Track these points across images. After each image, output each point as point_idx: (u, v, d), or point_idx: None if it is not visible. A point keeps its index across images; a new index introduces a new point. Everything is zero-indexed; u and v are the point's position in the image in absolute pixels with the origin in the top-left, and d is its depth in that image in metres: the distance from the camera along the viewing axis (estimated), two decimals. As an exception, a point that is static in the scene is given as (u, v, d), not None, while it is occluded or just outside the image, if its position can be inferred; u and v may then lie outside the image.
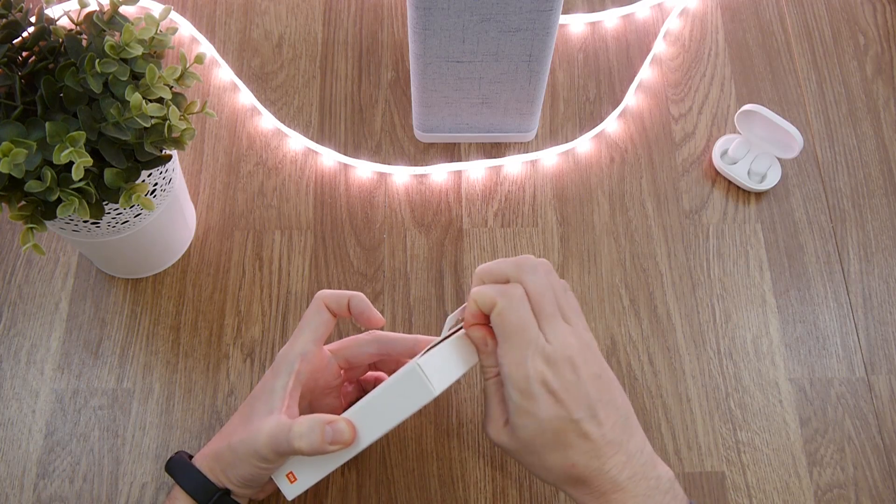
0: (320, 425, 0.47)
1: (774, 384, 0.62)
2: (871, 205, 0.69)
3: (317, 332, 0.51)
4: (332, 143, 0.70)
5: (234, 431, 0.50)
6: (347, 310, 0.52)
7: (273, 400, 0.49)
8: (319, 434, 0.47)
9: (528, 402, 0.45)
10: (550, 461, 0.46)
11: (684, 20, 0.77)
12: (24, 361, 0.61)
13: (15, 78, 0.47)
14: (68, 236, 0.56)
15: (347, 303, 0.52)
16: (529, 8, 0.56)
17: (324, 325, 0.51)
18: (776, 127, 0.67)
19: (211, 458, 0.50)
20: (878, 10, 0.78)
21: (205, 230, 0.66)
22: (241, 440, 0.48)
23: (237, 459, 0.49)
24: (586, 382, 0.46)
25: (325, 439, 0.47)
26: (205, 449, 0.52)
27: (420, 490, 0.58)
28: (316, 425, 0.47)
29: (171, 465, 0.52)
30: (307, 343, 0.51)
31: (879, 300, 0.65)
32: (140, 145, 0.49)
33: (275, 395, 0.49)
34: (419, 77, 0.63)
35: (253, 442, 0.47)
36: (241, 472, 0.49)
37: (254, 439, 0.47)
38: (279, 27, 0.75)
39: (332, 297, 0.52)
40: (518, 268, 0.48)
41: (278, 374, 0.50)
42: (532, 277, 0.47)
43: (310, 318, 0.51)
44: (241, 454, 0.48)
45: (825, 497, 0.59)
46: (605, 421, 0.46)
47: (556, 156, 0.70)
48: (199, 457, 0.51)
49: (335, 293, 0.52)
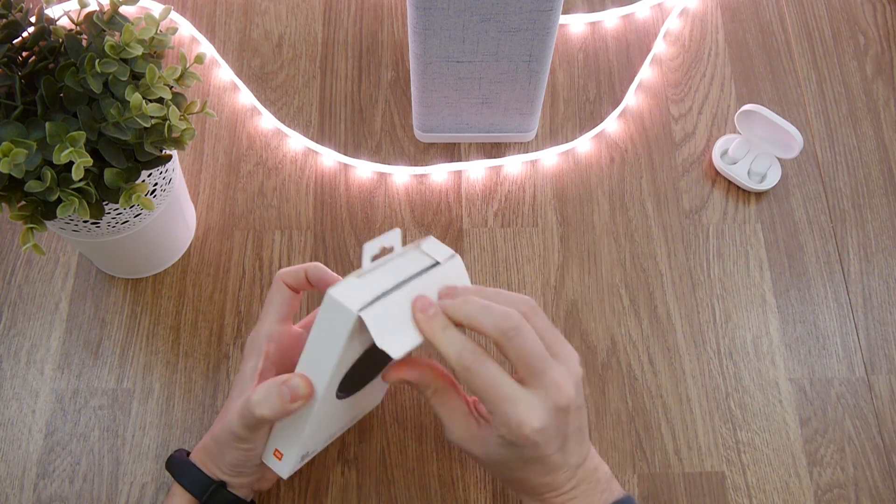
0: (276, 387, 0.46)
1: (774, 384, 0.62)
2: (871, 205, 0.69)
3: (280, 310, 0.52)
4: (332, 143, 0.70)
5: (216, 423, 0.51)
6: (307, 282, 0.52)
7: (246, 383, 0.50)
8: (277, 395, 0.46)
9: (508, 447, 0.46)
10: (509, 476, 0.49)
11: (684, 20, 0.77)
12: (24, 361, 0.61)
13: (15, 78, 0.47)
14: (68, 236, 0.56)
15: (305, 275, 0.52)
16: (529, 8, 0.56)
17: (286, 303, 0.52)
18: (776, 127, 0.67)
19: (202, 452, 0.51)
20: (878, 10, 0.78)
21: (205, 230, 0.66)
22: (221, 429, 0.49)
23: (220, 447, 0.49)
24: (568, 424, 0.47)
25: (284, 398, 0.46)
26: (197, 445, 0.52)
27: (420, 490, 0.58)
28: (272, 387, 0.46)
29: (170, 463, 0.52)
30: (272, 323, 0.52)
31: (879, 300, 0.65)
32: (140, 145, 0.49)
33: (247, 378, 0.50)
34: (419, 77, 0.63)
35: (228, 425, 0.48)
36: (228, 459, 0.49)
37: (228, 422, 0.48)
38: (279, 27, 0.75)
39: (289, 274, 0.52)
40: (500, 332, 0.45)
41: (248, 358, 0.51)
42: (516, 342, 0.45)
43: (271, 299, 0.52)
44: (222, 441, 0.49)
45: (825, 497, 0.59)
46: (571, 451, 0.47)
47: (556, 156, 0.70)
48: (194, 453, 0.52)
49: (292, 269, 0.52)
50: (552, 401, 0.45)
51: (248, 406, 0.46)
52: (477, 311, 0.45)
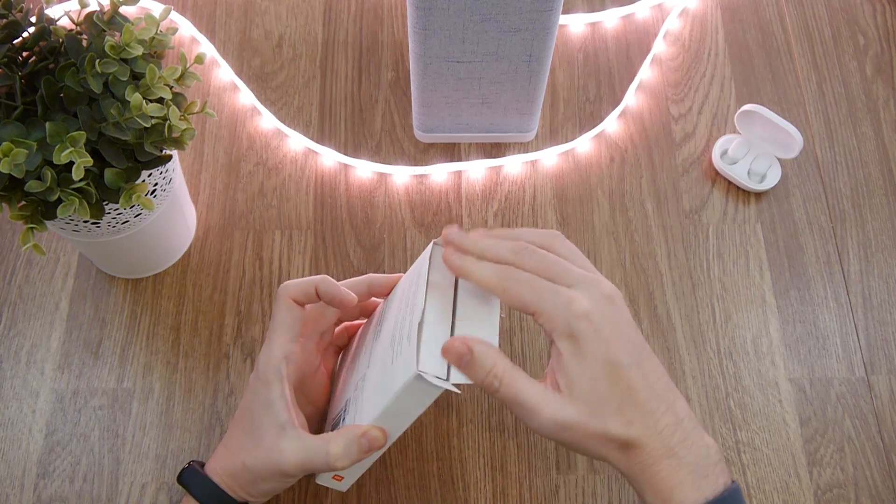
0: (356, 441, 0.47)
1: (774, 384, 0.62)
2: (871, 205, 0.69)
3: (292, 330, 0.50)
4: (332, 143, 0.70)
5: (242, 447, 0.49)
6: (317, 297, 0.51)
7: (276, 413, 0.48)
8: (356, 449, 0.47)
9: (576, 345, 0.44)
10: (611, 423, 0.44)
11: (684, 20, 0.77)
12: (25, 361, 0.61)
13: (15, 78, 0.47)
14: (68, 236, 0.56)
15: (315, 290, 0.51)
16: (529, 8, 0.56)
17: (297, 320, 0.51)
18: (776, 127, 0.67)
19: (226, 475, 0.49)
20: (878, 10, 0.78)
21: (205, 230, 0.66)
22: (258, 460, 0.48)
23: (258, 479, 0.48)
24: (626, 324, 0.45)
25: (363, 450, 0.47)
26: (213, 464, 0.50)
27: (420, 490, 0.58)
28: (352, 443, 0.47)
29: (185, 477, 0.50)
30: (286, 344, 0.50)
31: (879, 300, 0.65)
32: (140, 145, 0.49)
33: (275, 406, 0.48)
34: (419, 77, 0.63)
35: (276, 463, 0.47)
36: (265, 489, 0.49)
37: (276, 460, 0.47)
38: (279, 27, 0.75)
39: (297, 290, 0.51)
40: (517, 255, 0.46)
41: (269, 383, 0.49)
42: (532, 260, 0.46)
43: (281, 318, 0.50)
44: (262, 474, 0.48)
45: (825, 497, 0.59)
46: (650, 373, 0.45)
47: (556, 156, 0.70)
48: (211, 472, 0.50)
49: (300, 284, 0.51)
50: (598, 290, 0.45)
51: (326, 458, 0.47)
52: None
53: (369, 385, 0.49)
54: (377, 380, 0.48)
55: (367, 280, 0.54)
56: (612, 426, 0.44)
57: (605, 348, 0.44)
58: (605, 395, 0.44)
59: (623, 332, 0.45)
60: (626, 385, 0.44)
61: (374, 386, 0.48)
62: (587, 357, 0.44)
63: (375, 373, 0.49)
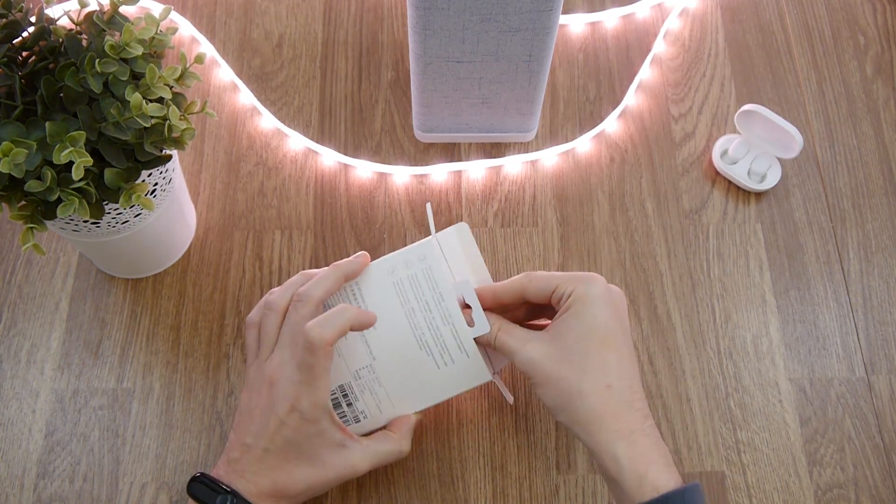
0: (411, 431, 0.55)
1: (774, 384, 0.62)
2: (871, 205, 0.69)
3: (328, 377, 0.51)
4: (332, 143, 0.70)
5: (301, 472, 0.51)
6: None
7: (332, 437, 0.51)
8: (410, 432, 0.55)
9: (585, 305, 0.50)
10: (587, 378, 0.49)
11: (684, 20, 0.77)
12: (25, 361, 0.61)
13: (15, 78, 0.47)
14: (68, 236, 0.56)
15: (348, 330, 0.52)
16: (529, 8, 0.56)
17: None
18: (776, 127, 0.67)
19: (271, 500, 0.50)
20: (878, 10, 0.78)
21: (205, 230, 0.66)
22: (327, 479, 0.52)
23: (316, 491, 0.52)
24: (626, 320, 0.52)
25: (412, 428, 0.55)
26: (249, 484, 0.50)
27: (420, 490, 0.58)
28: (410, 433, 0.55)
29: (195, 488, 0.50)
30: (326, 392, 0.51)
31: (879, 300, 0.65)
32: (140, 145, 0.49)
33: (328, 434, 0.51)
34: (419, 77, 0.63)
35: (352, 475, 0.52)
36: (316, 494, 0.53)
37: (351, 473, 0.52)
38: (279, 27, 0.75)
39: (335, 336, 0.50)
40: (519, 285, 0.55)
41: (318, 421, 0.50)
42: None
43: (324, 367, 0.50)
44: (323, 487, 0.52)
45: (825, 497, 0.59)
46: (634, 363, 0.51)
47: (556, 156, 0.70)
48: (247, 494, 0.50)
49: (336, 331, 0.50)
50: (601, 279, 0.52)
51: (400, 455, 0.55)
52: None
53: (392, 379, 0.55)
54: (417, 377, 0.54)
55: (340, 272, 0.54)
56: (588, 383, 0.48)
57: (609, 318, 0.50)
58: (591, 346, 0.49)
59: (626, 322, 0.51)
60: (615, 355, 0.49)
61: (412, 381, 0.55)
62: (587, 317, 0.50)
63: (402, 369, 0.54)
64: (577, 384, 0.49)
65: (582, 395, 0.48)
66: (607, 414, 0.48)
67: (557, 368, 0.49)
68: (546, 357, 0.50)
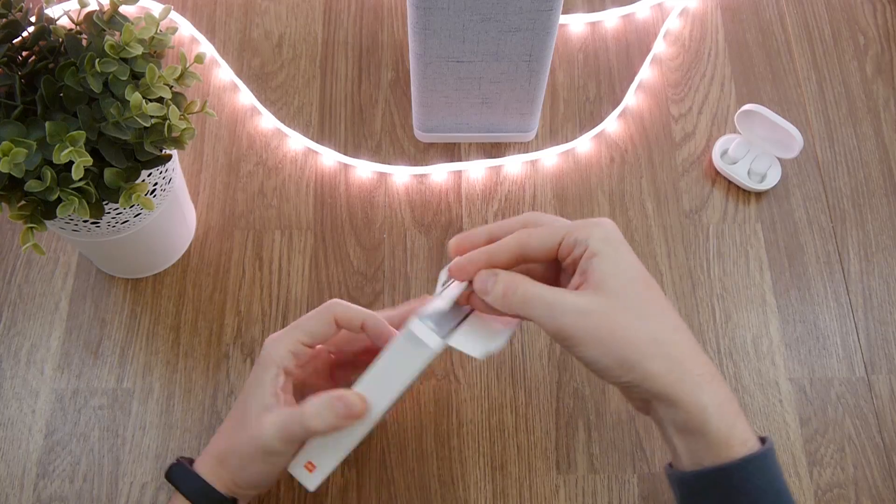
0: (330, 403, 0.46)
1: (774, 384, 0.62)
2: (871, 205, 0.69)
3: (314, 337, 0.49)
4: (332, 143, 0.70)
5: (230, 432, 0.49)
6: (360, 329, 0.50)
7: (264, 395, 0.47)
8: (330, 409, 0.45)
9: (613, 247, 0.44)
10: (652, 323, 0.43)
11: (684, 20, 0.77)
12: (24, 361, 0.61)
13: (15, 78, 0.47)
14: (68, 236, 0.56)
15: (362, 324, 0.50)
16: (529, 8, 0.56)
17: (324, 335, 0.49)
18: (776, 127, 0.67)
19: (215, 463, 0.49)
20: (878, 10, 0.78)
21: (205, 230, 0.66)
22: (242, 441, 0.47)
23: (244, 461, 0.47)
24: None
25: (338, 414, 0.45)
26: (204, 455, 0.50)
27: (420, 490, 0.58)
28: (326, 404, 0.46)
29: (173, 473, 0.50)
30: (299, 343, 0.49)
31: (879, 300, 0.65)
32: (140, 145, 0.49)
33: (265, 388, 0.48)
34: (419, 77, 0.63)
35: (258, 438, 0.46)
36: (252, 473, 0.48)
37: (258, 436, 0.46)
38: (279, 27, 0.75)
39: (344, 315, 0.49)
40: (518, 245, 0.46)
41: (266, 368, 0.48)
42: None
43: (313, 325, 0.49)
44: (246, 455, 0.47)
45: (825, 497, 0.59)
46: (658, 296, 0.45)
47: (556, 156, 0.70)
48: (200, 464, 0.49)
49: (350, 311, 0.49)
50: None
51: (301, 419, 0.45)
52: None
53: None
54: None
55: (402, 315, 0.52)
56: (654, 327, 0.42)
57: (636, 259, 0.45)
58: (638, 291, 0.44)
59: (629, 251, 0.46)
60: (661, 295, 0.44)
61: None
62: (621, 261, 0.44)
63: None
64: (644, 332, 0.42)
65: (656, 343, 0.42)
66: (686, 358, 0.42)
67: (613, 319, 0.42)
68: (596, 308, 0.42)
